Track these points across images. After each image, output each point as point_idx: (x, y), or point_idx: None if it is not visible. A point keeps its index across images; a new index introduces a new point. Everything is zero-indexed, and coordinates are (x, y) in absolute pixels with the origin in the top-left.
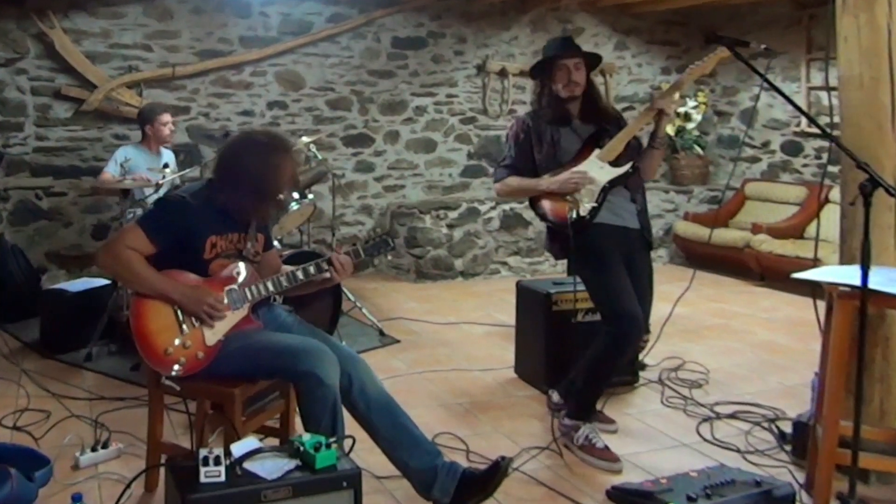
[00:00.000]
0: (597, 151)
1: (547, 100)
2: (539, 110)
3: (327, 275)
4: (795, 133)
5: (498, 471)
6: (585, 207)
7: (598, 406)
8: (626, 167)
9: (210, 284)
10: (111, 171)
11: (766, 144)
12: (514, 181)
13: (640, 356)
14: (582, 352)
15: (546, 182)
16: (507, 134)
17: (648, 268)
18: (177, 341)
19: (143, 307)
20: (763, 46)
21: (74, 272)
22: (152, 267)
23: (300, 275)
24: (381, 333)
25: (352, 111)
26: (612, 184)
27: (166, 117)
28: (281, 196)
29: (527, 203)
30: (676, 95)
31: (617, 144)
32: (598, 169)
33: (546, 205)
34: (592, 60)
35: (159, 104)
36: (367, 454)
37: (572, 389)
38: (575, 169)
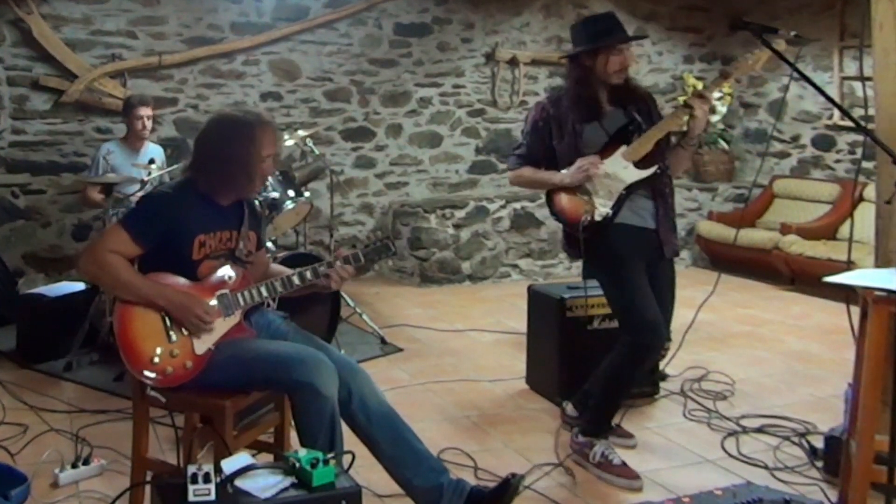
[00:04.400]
0: (623, 149)
1: (586, 89)
2: (567, 99)
3: (325, 281)
4: (827, 126)
5: (508, 489)
6: (601, 212)
7: (616, 419)
8: (651, 170)
9: (200, 290)
10: (93, 175)
11: (795, 139)
12: (527, 172)
13: (661, 366)
14: (598, 361)
15: (559, 176)
16: (526, 118)
17: (670, 271)
18: (164, 350)
19: (127, 313)
20: (793, 33)
21: (53, 276)
22: (138, 271)
23: (296, 280)
24: (383, 341)
25: (351, 103)
26: (633, 187)
27: (143, 110)
28: (263, 167)
29: (540, 201)
30: (715, 94)
31: (645, 143)
32: (621, 169)
33: (560, 202)
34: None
35: (139, 95)
36: (367, 471)
37: (588, 403)
38: (586, 157)
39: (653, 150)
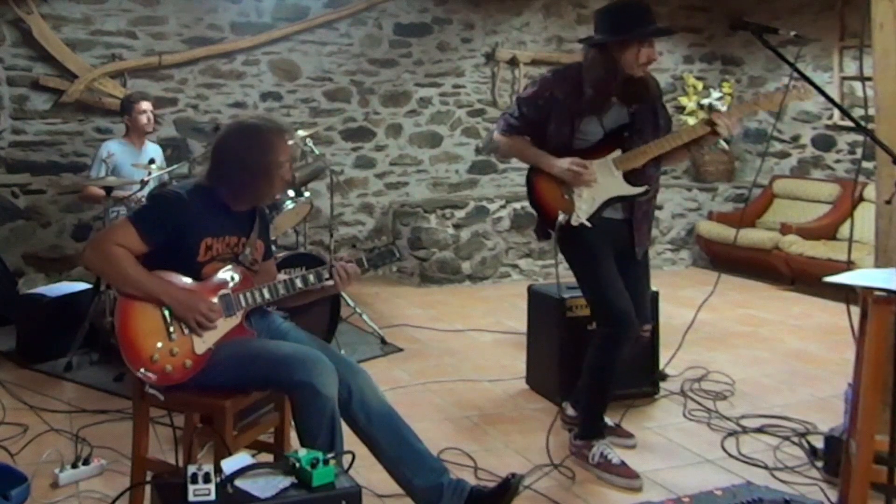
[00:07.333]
0: (616, 154)
1: (608, 82)
2: (579, 85)
3: (329, 283)
4: (827, 126)
5: (508, 489)
6: (578, 218)
7: (616, 419)
8: (640, 189)
9: (203, 289)
10: (94, 174)
11: (795, 139)
12: (519, 143)
13: (661, 366)
14: None
15: (548, 162)
16: (528, 86)
17: (644, 259)
18: (164, 347)
19: (129, 308)
20: (793, 33)
21: (53, 276)
22: (143, 267)
23: (299, 283)
24: (383, 342)
25: (351, 103)
26: (616, 200)
27: (144, 105)
28: (282, 172)
29: None
30: (714, 95)
31: (640, 156)
32: (609, 176)
33: (541, 191)
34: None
35: (138, 92)
36: (367, 471)
37: (579, 404)
38: (582, 162)
39: (645, 165)
